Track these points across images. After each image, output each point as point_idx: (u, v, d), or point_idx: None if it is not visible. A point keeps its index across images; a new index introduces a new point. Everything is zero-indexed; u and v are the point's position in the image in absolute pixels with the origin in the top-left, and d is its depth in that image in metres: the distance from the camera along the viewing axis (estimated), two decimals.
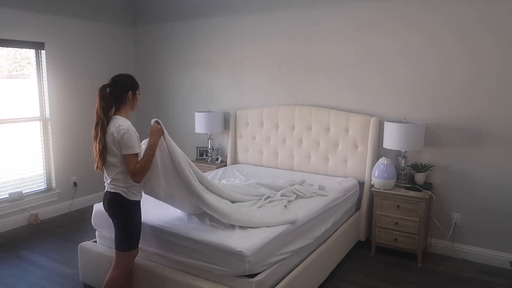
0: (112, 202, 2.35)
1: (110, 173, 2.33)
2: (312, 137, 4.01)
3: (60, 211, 4.69)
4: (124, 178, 2.33)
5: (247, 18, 4.40)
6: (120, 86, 2.38)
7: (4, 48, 4.16)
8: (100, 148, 2.27)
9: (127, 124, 2.31)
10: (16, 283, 3.13)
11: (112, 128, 2.28)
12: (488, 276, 3.23)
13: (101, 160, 2.29)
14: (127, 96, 2.39)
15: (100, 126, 2.28)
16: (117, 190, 2.32)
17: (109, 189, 2.35)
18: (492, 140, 3.32)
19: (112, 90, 2.36)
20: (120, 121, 2.31)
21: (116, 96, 2.37)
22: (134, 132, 2.29)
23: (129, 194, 2.35)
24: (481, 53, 3.27)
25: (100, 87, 2.35)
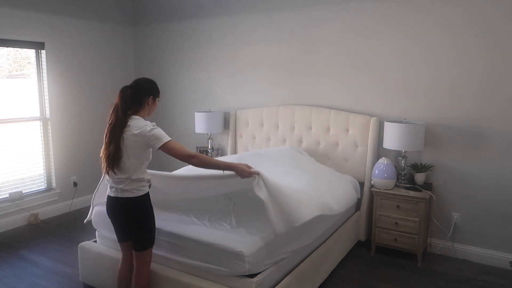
0: (127, 206, 2.28)
1: (123, 175, 2.24)
2: (312, 137, 4.01)
3: (60, 211, 4.69)
4: (136, 179, 2.26)
5: (248, 18, 4.40)
6: (142, 89, 2.37)
7: (4, 48, 4.16)
8: (114, 148, 2.20)
9: (151, 123, 2.29)
10: (16, 283, 3.12)
11: (134, 129, 2.21)
12: (488, 276, 3.23)
13: (113, 161, 2.20)
14: (147, 100, 2.39)
15: (118, 126, 2.22)
16: (129, 195, 2.26)
17: (119, 195, 2.27)
18: (492, 140, 3.32)
19: (133, 92, 2.32)
20: (142, 121, 2.30)
21: (136, 99, 2.34)
22: (159, 129, 2.32)
23: (138, 192, 2.28)
24: (482, 53, 3.27)
25: (122, 88, 2.33)
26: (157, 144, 2.23)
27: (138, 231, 2.33)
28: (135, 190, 2.27)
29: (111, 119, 2.28)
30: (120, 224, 2.39)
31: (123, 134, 2.21)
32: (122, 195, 2.27)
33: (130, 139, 2.21)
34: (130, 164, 2.23)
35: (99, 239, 3.00)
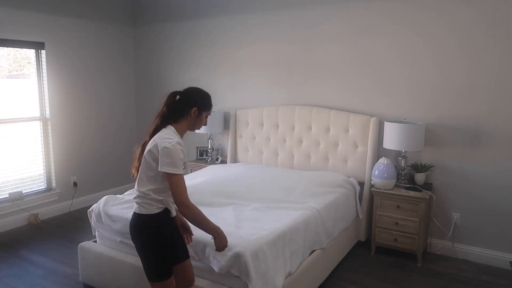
0: (131, 222, 2.13)
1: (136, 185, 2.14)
2: (312, 137, 4.01)
3: (60, 211, 4.69)
4: (143, 194, 2.10)
5: (248, 18, 4.40)
6: (187, 98, 2.14)
7: (4, 48, 4.16)
8: (139, 153, 2.11)
9: (175, 139, 2.00)
10: (16, 283, 3.12)
11: (156, 138, 2.04)
12: (488, 276, 3.23)
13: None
14: (190, 112, 2.13)
15: (153, 133, 2.09)
16: (136, 210, 2.11)
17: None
18: (492, 140, 3.32)
19: (179, 99, 2.16)
20: (169, 132, 2.06)
21: (179, 107, 2.14)
22: (180, 150, 1.98)
23: (145, 209, 2.09)
24: (482, 53, 3.27)
25: (171, 92, 2.16)
26: (164, 167, 1.95)
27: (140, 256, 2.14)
28: (141, 207, 2.08)
29: (153, 127, 2.14)
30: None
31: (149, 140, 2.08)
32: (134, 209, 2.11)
33: (149, 146, 2.05)
34: (141, 175, 2.12)
35: (99, 239, 3.00)
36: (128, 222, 2.71)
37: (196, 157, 4.85)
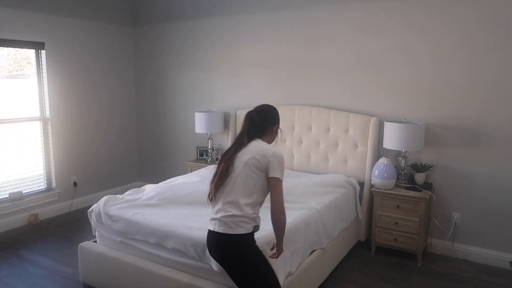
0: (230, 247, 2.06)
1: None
2: (312, 137, 4.01)
3: (60, 211, 4.69)
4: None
5: (248, 18, 4.40)
6: (271, 116, 2.23)
7: (4, 48, 4.16)
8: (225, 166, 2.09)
9: (277, 149, 2.10)
10: (16, 283, 3.12)
11: (253, 151, 2.06)
12: (488, 276, 3.23)
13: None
14: (273, 129, 2.23)
15: (237, 150, 2.11)
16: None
17: (223, 229, 2.03)
18: (492, 140, 3.32)
19: (261, 118, 2.19)
20: (264, 143, 2.13)
21: (263, 124, 2.19)
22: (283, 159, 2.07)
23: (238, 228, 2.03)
24: (481, 53, 3.27)
25: (249, 112, 2.20)
26: (277, 173, 2.01)
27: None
28: (237, 226, 2.02)
29: (234, 143, 2.17)
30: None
31: (237, 153, 2.10)
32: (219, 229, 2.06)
33: (251, 161, 2.05)
34: (236, 190, 2.06)
35: (99, 239, 3.00)
36: (128, 222, 2.71)
37: (196, 157, 4.85)
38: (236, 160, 2.08)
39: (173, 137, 5.24)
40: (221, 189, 2.07)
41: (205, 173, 3.93)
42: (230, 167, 2.06)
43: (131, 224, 2.71)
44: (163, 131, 5.31)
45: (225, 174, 2.06)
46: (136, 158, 5.63)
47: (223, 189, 2.07)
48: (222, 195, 2.07)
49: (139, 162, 5.64)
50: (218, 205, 2.07)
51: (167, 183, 3.55)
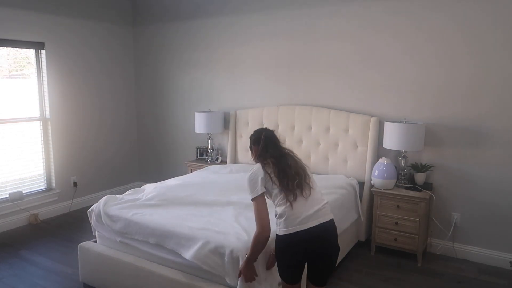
0: (333, 231, 2.17)
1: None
2: (312, 137, 4.01)
3: (60, 211, 4.69)
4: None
5: (247, 17, 4.40)
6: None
7: (4, 48, 4.16)
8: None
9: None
10: (16, 283, 3.12)
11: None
12: (488, 276, 3.23)
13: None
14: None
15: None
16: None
17: (326, 217, 2.13)
18: (492, 140, 3.32)
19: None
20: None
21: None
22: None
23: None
24: (482, 53, 3.27)
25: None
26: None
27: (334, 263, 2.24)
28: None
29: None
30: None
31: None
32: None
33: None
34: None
35: (99, 239, 3.00)
36: (128, 223, 2.71)
37: (196, 157, 4.85)
38: None
39: (173, 137, 5.24)
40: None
41: (206, 175, 3.93)
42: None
43: (131, 224, 2.71)
44: (163, 131, 5.31)
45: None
46: (136, 158, 5.63)
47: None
48: None
49: (139, 162, 5.64)
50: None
51: (166, 183, 3.55)
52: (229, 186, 3.42)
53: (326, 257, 2.13)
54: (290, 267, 2.15)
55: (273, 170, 2.14)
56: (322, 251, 2.11)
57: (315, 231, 2.05)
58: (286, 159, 2.20)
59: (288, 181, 2.11)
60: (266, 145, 2.24)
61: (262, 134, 2.29)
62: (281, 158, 2.19)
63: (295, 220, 2.05)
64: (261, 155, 2.23)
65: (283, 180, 2.11)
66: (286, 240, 2.07)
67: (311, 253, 2.09)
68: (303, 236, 2.04)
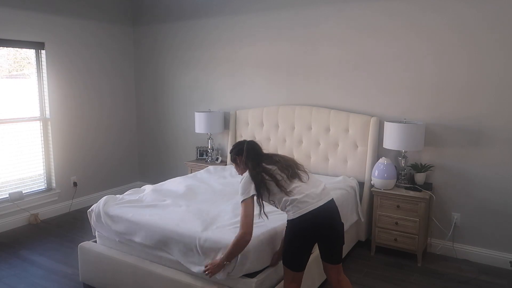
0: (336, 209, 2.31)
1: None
2: (312, 137, 4.01)
3: (60, 211, 4.69)
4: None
5: (248, 18, 4.40)
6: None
7: (4, 48, 4.16)
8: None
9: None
10: (16, 283, 3.12)
11: None
12: (488, 276, 3.23)
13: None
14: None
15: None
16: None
17: (329, 196, 2.30)
18: (492, 140, 3.32)
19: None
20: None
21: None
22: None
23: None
24: (482, 53, 3.27)
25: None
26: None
27: (342, 242, 2.34)
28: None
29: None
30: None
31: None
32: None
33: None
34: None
35: (99, 239, 3.00)
36: (129, 223, 2.72)
37: (196, 157, 4.85)
38: None
39: (173, 137, 5.24)
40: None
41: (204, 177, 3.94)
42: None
43: (131, 224, 2.71)
44: (163, 131, 5.31)
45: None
46: (136, 158, 5.63)
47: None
48: None
49: (139, 162, 5.64)
50: None
51: (165, 184, 3.55)
52: (230, 187, 3.43)
53: (335, 233, 2.25)
54: (299, 251, 2.23)
55: (266, 171, 2.24)
56: (330, 228, 2.23)
57: (322, 209, 2.19)
58: (272, 158, 2.33)
59: (283, 174, 2.24)
60: (248, 152, 2.33)
61: (244, 144, 2.39)
62: (268, 159, 2.32)
63: (303, 203, 2.17)
64: (247, 162, 2.31)
65: (278, 175, 2.23)
66: (299, 223, 2.16)
67: (321, 232, 2.21)
68: (313, 215, 2.15)
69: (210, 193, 3.29)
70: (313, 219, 2.16)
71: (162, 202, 3.01)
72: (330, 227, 2.23)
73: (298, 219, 2.15)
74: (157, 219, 2.68)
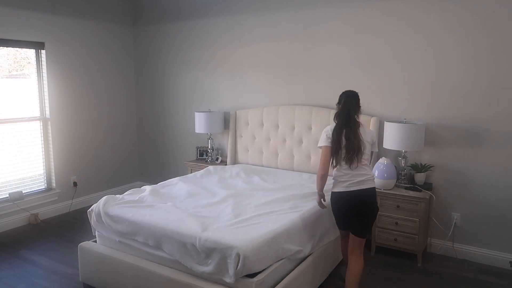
0: (373, 196, 2.70)
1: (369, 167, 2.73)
2: (312, 137, 4.01)
3: (60, 211, 4.69)
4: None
5: (247, 18, 4.40)
6: (358, 98, 2.77)
7: (4, 48, 4.16)
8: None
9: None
10: (16, 283, 3.12)
11: (368, 134, 2.77)
12: (488, 276, 3.23)
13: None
14: (360, 109, 2.79)
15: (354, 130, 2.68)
16: (373, 185, 2.69)
17: (370, 185, 2.66)
18: (492, 140, 3.32)
19: (355, 101, 2.75)
20: (366, 128, 2.82)
21: (358, 107, 2.75)
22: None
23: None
24: (482, 53, 3.28)
25: (346, 96, 2.74)
26: (377, 148, 2.90)
27: (369, 219, 2.72)
28: (372, 183, 2.73)
29: (349, 122, 2.72)
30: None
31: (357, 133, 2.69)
32: (370, 185, 2.70)
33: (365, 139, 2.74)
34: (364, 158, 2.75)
35: (99, 239, 3.00)
36: (129, 223, 2.73)
37: (196, 157, 4.85)
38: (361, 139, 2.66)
39: (173, 137, 5.24)
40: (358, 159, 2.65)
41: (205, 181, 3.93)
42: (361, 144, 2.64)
43: (131, 224, 2.71)
44: (163, 131, 5.31)
45: (360, 149, 2.63)
46: (136, 158, 5.63)
47: (359, 159, 2.65)
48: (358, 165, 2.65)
49: (139, 162, 5.64)
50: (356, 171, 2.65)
51: (166, 184, 3.55)
52: (231, 187, 3.44)
53: (363, 214, 2.66)
54: (338, 216, 2.77)
55: (336, 136, 2.66)
56: (360, 209, 2.65)
57: (356, 194, 2.62)
58: (349, 135, 2.63)
59: (341, 151, 2.65)
60: (344, 107, 2.70)
61: (343, 96, 2.74)
62: (348, 131, 2.64)
63: (342, 184, 2.66)
64: (336, 117, 2.72)
65: (338, 149, 2.65)
66: (334, 197, 2.72)
67: (353, 210, 2.65)
68: (345, 196, 2.64)
69: (210, 193, 3.28)
70: (344, 200, 2.65)
71: (162, 202, 3.01)
72: (358, 209, 2.64)
73: (333, 195, 2.71)
74: (157, 219, 2.68)
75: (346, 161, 2.62)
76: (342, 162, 2.65)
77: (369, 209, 2.67)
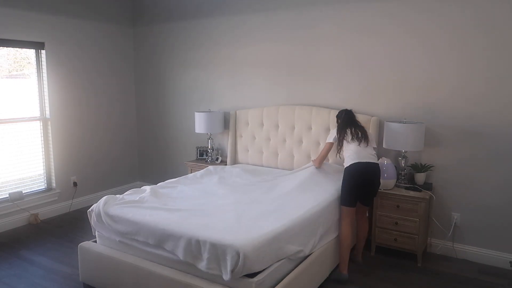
0: (379, 171, 3.21)
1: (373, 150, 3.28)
2: (312, 137, 4.01)
3: (60, 211, 4.69)
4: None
5: (248, 18, 4.40)
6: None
7: (4, 48, 4.16)
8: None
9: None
10: (16, 283, 3.13)
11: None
12: (488, 276, 3.23)
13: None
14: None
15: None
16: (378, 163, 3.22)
17: (374, 161, 3.18)
18: (492, 140, 3.32)
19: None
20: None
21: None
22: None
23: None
24: (481, 53, 3.28)
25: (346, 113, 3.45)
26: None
27: (375, 189, 3.26)
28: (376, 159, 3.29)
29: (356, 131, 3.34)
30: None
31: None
32: (374, 161, 3.22)
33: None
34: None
35: (99, 239, 3.00)
36: (129, 223, 2.73)
37: (196, 157, 4.85)
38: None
39: (173, 137, 5.24)
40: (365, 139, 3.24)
41: (207, 184, 3.93)
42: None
43: (131, 224, 2.71)
44: (163, 131, 5.31)
45: (365, 133, 3.27)
46: (136, 158, 5.63)
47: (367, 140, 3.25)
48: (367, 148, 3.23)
49: (139, 162, 5.64)
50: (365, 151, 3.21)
51: (166, 185, 3.55)
52: (231, 187, 3.44)
53: (371, 184, 3.16)
54: (350, 191, 3.12)
55: (346, 131, 3.26)
56: (369, 179, 3.13)
57: (366, 165, 3.11)
58: (353, 126, 3.29)
59: (348, 136, 3.25)
60: (343, 120, 3.39)
61: (343, 113, 3.44)
62: (349, 125, 3.30)
63: (355, 157, 3.13)
64: (339, 125, 3.39)
65: (350, 136, 3.23)
66: (350, 169, 3.13)
67: (363, 180, 3.11)
68: (360, 166, 3.10)
69: (210, 193, 3.28)
70: (358, 170, 3.10)
71: (162, 202, 3.01)
72: (367, 179, 3.12)
73: (349, 167, 3.13)
74: (157, 218, 2.68)
75: (356, 139, 3.17)
76: (350, 142, 3.19)
77: (377, 180, 3.17)
